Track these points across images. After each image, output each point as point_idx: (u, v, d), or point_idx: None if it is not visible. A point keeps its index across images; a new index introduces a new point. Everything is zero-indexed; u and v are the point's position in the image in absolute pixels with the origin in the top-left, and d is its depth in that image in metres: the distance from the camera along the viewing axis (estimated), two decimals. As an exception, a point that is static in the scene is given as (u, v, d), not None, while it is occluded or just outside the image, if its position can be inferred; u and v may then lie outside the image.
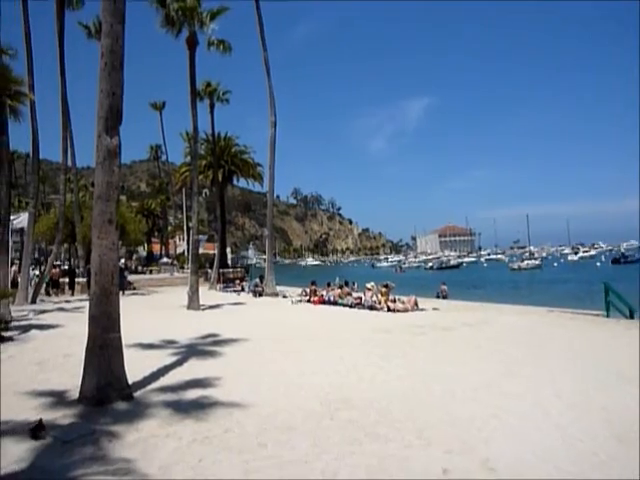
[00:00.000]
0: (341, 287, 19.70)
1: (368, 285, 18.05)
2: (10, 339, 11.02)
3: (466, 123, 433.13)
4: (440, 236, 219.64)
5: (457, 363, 8.02)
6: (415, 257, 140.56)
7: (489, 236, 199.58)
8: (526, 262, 77.56)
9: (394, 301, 16.35)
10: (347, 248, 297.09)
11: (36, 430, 4.82)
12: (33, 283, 23.22)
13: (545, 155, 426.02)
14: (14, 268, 22.25)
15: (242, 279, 31.24)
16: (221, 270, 31.60)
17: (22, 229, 27.36)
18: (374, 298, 16.92)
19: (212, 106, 32.57)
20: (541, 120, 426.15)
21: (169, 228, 67.34)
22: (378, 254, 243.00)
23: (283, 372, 7.58)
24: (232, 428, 5.06)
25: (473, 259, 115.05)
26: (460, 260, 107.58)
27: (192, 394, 6.32)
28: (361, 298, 17.63)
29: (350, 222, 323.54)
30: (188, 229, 35.53)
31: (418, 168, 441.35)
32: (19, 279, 21.13)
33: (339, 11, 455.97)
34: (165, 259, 53.05)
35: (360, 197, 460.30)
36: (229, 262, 43.28)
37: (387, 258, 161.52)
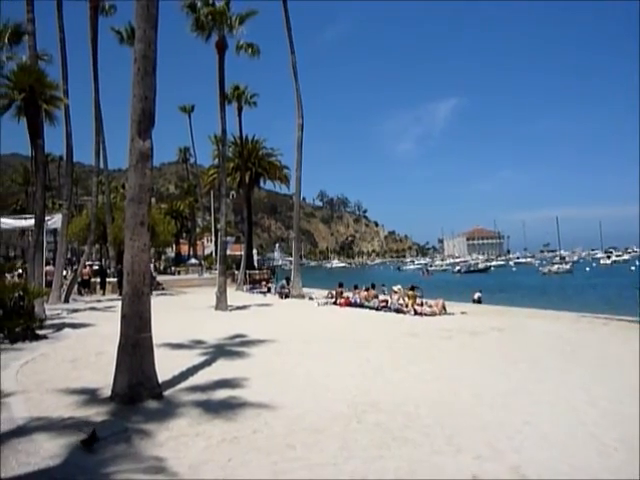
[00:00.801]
0: (367, 289, 19.62)
1: (395, 288, 17.93)
2: (44, 337, 11.34)
3: (495, 124, 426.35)
4: (468, 239, 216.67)
5: (486, 368, 7.89)
6: (442, 260, 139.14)
7: (518, 239, 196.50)
8: (557, 266, 75.88)
9: (421, 304, 16.19)
10: (373, 250, 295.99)
11: (89, 441, 4.62)
12: (66, 282, 23.86)
13: (576, 157, 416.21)
14: (48, 268, 22.87)
15: (268, 280, 31.48)
16: (248, 271, 31.90)
17: (56, 230, 28.19)
18: (401, 301, 16.79)
19: (240, 109, 32.97)
20: (572, 122, 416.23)
21: (197, 229, 68.25)
22: (404, 257, 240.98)
23: (310, 374, 7.60)
24: (260, 429, 5.10)
25: (502, 263, 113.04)
26: (488, 264, 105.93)
27: (221, 394, 6.39)
28: (387, 301, 17.53)
29: (376, 224, 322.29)
30: (216, 231, 35.98)
31: (445, 170, 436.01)
32: (53, 278, 21.72)
33: (365, 12, 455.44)
34: (193, 260, 53.85)
35: (386, 199, 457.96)
36: (255, 264, 43.66)
37: (413, 261, 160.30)
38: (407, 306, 16.34)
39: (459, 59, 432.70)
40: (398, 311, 16.29)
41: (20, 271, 21.01)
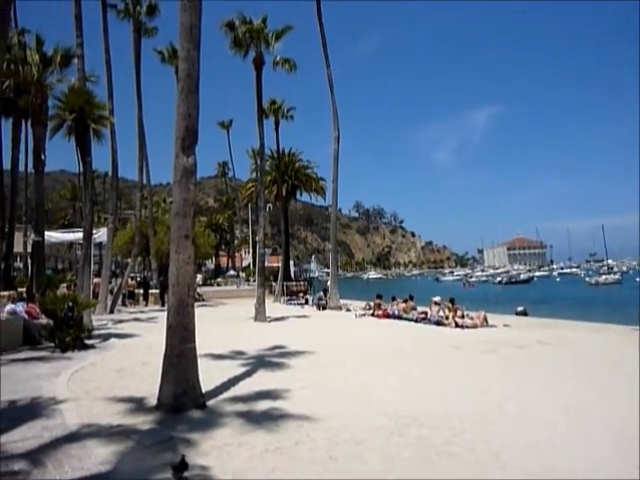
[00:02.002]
0: (405, 301, 19.41)
1: (435, 299, 17.67)
2: (92, 347, 11.76)
3: (536, 130, 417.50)
4: (509, 249, 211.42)
5: (532, 383, 7.66)
6: (482, 271, 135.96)
7: (562, 249, 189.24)
8: (604, 276, 72.96)
9: (462, 316, 15.89)
10: (410, 261, 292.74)
11: (179, 469, 4.18)
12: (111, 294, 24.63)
13: (621, 163, 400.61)
14: (96, 280, 23.70)
15: (305, 292, 31.58)
16: (285, 283, 32.12)
17: (101, 243, 29.24)
18: (441, 313, 16.54)
19: (277, 123, 33.53)
20: (617, 128, 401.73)
21: (236, 242, 69.39)
22: (442, 267, 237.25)
23: (350, 386, 7.57)
24: (302, 440, 5.11)
25: (545, 273, 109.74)
26: (531, 274, 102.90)
27: (262, 405, 6.45)
28: (427, 313, 17.30)
29: (413, 235, 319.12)
30: (254, 243, 36.48)
31: (484, 179, 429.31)
32: (100, 290, 22.48)
33: (399, 21, 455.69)
34: (232, 272, 54.68)
35: (423, 210, 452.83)
36: (292, 275, 43.92)
37: (452, 272, 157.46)
38: (447, 318, 16.09)
39: (498, 66, 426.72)
40: (438, 323, 16.05)
41: (65, 284, 21.76)
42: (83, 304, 12.77)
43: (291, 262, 51.24)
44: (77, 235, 25.96)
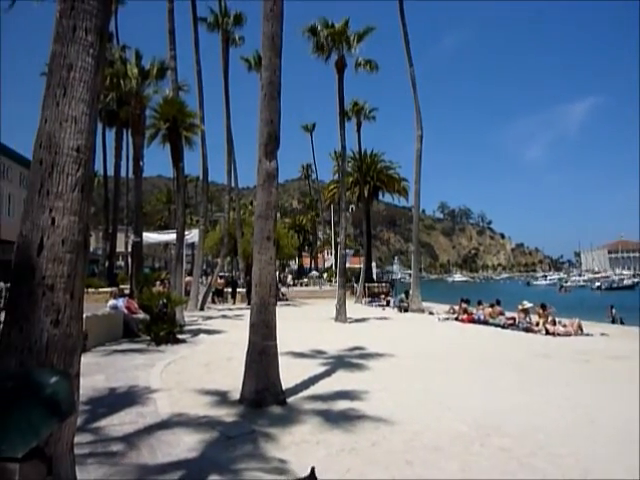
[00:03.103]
0: (492, 306, 18.63)
1: (525, 305, 16.78)
2: (183, 341, 12.51)
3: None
4: (610, 252, 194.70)
5: (629, 399, 7.03)
6: (579, 275, 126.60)
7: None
8: None
9: (554, 323, 14.96)
10: (499, 264, 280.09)
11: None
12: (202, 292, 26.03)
13: None
14: (188, 278, 25.15)
15: (387, 294, 31.31)
16: (367, 284, 32.07)
17: (193, 244, 31.02)
18: (530, 319, 15.68)
19: (359, 124, 33.53)
20: None
21: (318, 243, 70.44)
22: (534, 271, 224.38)
23: (430, 391, 7.43)
24: (379, 442, 5.11)
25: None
26: (635, 279, 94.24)
27: (340, 405, 6.52)
28: (515, 318, 16.48)
29: (502, 236, 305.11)
30: (336, 244, 36.79)
31: (582, 176, 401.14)
32: (191, 288, 23.83)
33: (485, 12, 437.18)
34: (314, 272, 55.54)
35: (513, 210, 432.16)
36: (374, 276, 43.73)
37: (545, 276, 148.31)
38: (537, 325, 15.23)
39: (598, 55, 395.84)
40: (527, 330, 15.24)
41: (159, 281, 23.26)
42: (176, 301, 13.63)
43: (373, 263, 51.03)
44: (172, 236, 27.73)
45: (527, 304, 16.77)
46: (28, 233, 2.84)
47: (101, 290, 23.15)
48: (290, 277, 48.29)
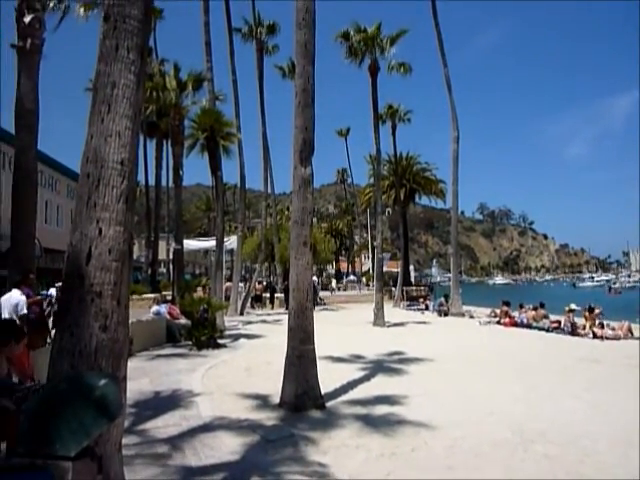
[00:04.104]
0: (535, 309, 18.10)
1: (570, 307, 16.21)
2: (224, 346, 12.74)
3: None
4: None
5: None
6: (629, 276, 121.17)
7: None
8: None
9: (602, 326, 14.40)
10: (542, 266, 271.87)
11: None
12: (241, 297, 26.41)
13: None
14: (227, 284, 25.58)
15: (426, 297, 30.88)
16: (404, 288, 31.75)
17: (232, 250, 31.55)
18: (576, 322, 15.17)
19: (394, 127, 33.31)
20: None
21: (355, 247, 70.27)
22: (580, 272, 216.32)
23: (471, 396, 7.30)
24: (419, 447, 5.07)
25: None
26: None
27: (380, 410, 6.50)
28: (559, 322, 15.96)
29: (545, 237, 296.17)
30: (373, 248, 36.66)
31: (630, 173, 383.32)
32: (230, 293, 24.21)
33: (521, 9, 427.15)
34: (351, 277, 55.40)
35: (556, 210, 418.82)
36: (412, 280, 43.24)
37: (592, 277, 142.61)
38: (584, 328, 14.71)
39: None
40: (573, 333, 14.74)
41: (201, 287, 23.74)
42: (216, 306, 13.90)
43: (411, 267, 50.47)
44: (211, 243, 28.32)
45: (574, 306, 16.21)
46: (77, 243, 2.99)
47: (144, 296, 23.83)
48: (334, 282, 48.28)
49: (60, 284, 13.93)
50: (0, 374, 3.99)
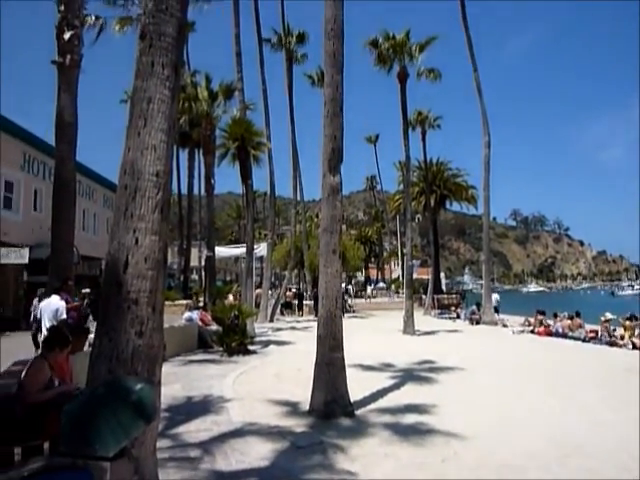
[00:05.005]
0: (571, 318, 17.61)
1: (608, 316, 15.70)
2: (254, 352, 12.87)
3: None
4: None
5: None
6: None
7: None
8: None
9: (642, 336, 13.89)
10: (578, 273, 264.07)
11: None
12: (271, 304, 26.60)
13: None
14: (258, 291, 25.81)
15: (457, 305, 30.41)
16: (435, 296, 31.37)
17: (262, 257, 31.82)
18: (615, 332, 14.68)
19: (424, 133, 33.14)
20: None
21: (384, 254, 69.88)
22: (619, 280, 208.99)
23: (503, 406, 7.17)
24: (449, 458, 5.01)
25: None
26: None
27: (409, 419, 6.45)
28: (597, 331, 15.47)
29: (581, 244, 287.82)
30: (402, 255, 36.40)
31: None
32: (261, 300, 24.42)
33: (555, 11, 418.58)
34: (381, 284, 55.10)
35: (593, 215, 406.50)
36: (443, 287, 42.69)
37: (632, 285, 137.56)
38: (623, 338, 14.22)
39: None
40: (611, 344, 14.27)
41: (232, 295, 24.02)
42: (246, 313, 14.05)
43: (442, 274, 49.82)
44: (242, 250, 28.63)
45: (609, 315, 15.70)
46: (115, 252, 3.12)
47: (177, 303, 24.27)
48: (369, 289, 48.13)
49: (87, 290, 14.41)
50: (44, 379, 4.18)
